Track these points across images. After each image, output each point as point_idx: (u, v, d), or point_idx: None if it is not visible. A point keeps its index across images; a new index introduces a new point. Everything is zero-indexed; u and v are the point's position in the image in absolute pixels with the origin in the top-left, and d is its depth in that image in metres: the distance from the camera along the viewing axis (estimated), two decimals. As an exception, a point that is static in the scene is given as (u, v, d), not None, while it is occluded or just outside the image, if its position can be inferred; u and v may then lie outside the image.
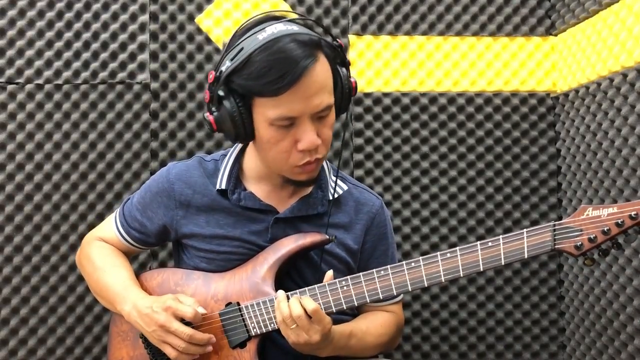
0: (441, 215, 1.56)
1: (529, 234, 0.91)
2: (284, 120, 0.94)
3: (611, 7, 1.34)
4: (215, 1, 1.52)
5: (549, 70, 1.58)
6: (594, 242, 0.86)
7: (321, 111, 0.96)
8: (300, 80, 0.91)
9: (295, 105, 0.93)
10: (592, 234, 0.86)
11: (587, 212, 0.87)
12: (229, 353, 1.03)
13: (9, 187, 1.46)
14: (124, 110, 1.50)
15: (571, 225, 0.88)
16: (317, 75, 0.93)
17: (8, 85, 1.47)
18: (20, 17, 1.48)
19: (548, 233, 0.90)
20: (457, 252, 0.94)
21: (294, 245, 1.05)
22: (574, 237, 0.88)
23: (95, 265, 1.13)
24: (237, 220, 1.09)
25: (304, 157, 0.98)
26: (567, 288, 1.52)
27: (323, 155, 1.01)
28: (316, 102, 0.94)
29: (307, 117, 0.95)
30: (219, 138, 1.51)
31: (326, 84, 0.96)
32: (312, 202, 1.09)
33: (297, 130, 0.95)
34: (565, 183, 1.54)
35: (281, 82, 0.90)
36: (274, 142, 0.97)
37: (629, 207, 0.84)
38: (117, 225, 1.17)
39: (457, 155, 1.57)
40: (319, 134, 0.97)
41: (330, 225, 1.09)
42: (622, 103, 1.30)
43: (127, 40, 1.50)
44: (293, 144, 0.97)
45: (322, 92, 0.95)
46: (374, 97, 1.55)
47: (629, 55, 1.27)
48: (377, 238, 1.16)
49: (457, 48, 1.58)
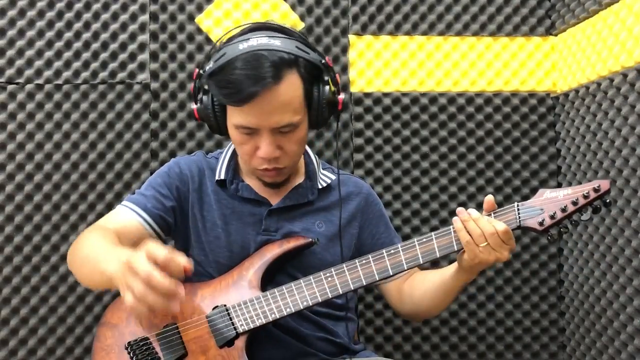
0: (441, 216, 1.56)
1: (496, 214, 0.99)
2: (244, 129, 1.02)
3: (611, 7, 1.34)
4: (215, 1, 1.52)
5: (549, 70, 1.58)
6: (555, 219, 0.96)
7: (281, 127, 1.01)
8: (258, 98, 0.96)
9: (253, 119, 1.00)
10: (552, 211, 0.96)
11: (545, 195, 0.98)
12: (217, 353, 1.04)
13: (9, 187, 1.46)
14: (124, 110, 1.50)
15: (533, 205, 0.98)
16: (278, 95, 0.98)
17: (8, 85, 1.47)
18: (20, 17, 1.48)
19: (512, 213, 0.98)
20: (433, 237, 1.02)
21: (278, 250, 1.10)
22: (536, 215, 0.97)
23: (83, 246, 1.04)
24: (234, 211, 1.14)
25: (262, 164, 1.05)
26: (567, 288, 1.52)
27: (285, 165, 1.07)
28: (275, 119, 1.00)
29: (267, 130, 1.01)
30: (219, 138, 1.51)
31: (290, 103, 1.00)
32: (302, 192, 1.15)
33: (259, 139, 1.02)
34: (565, 183, 1.54)
35: (239, 97, 0.97)
36: (238, 143, 1.06)
37: (581, 188, 0.96)
38: (131, 207, 1.11)
39: (457, 155, 1.57)
40: (282, 146, 1.03)
41: (322, 208, 1.16)
42: (622, 103, 1.30)
43: (127, 40, 1.50)
44: (254, 149, 1.04)
45: (284, 111, 1.00)
46: (374, 97, 1.55)
47: (629, 55, 1.27)
48: (377, 217, 1.21)
49: (457, 48, 1.57)
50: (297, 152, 1.08)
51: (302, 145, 1.09)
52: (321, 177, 1.19)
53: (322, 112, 1.06)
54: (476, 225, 0.97)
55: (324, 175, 1.20)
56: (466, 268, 1.01)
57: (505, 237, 0.96)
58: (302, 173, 1.19)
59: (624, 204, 1.29)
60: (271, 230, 1.13)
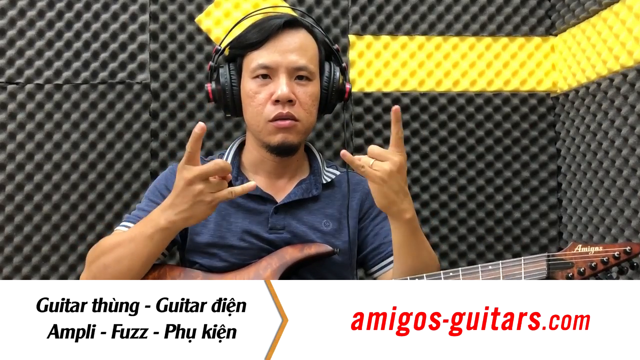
0: (441, 215, 1.56)
1: (526, 262, 1.00)
2: (262, 69, 1.07)
3: (611, 7, 1.34)
4: (215, 1, 1.52)
5: (549, 70, 1.58)
6: (583, 275, 0.98)
7: (297, 69, 1.07)
8: (278, 35, 1.07)
9: (273, 56, 1.07)
10: (582, 267, 0.98)
11: (577, 248, 1.00)
12: None
13: (9, 187, 1.47)
14: (124, 110, 1.50)
15: (563, 258, 1.00)
16: (297, 37, 1.08)
17: (8, 85, 1.47)
18: (20, 17, 1.48)
19: (543, 263, 1.00)
20: (460, 273, 1.00)
21: (299, 255, 1.08)
22: (566, 269, 0.99)
23: (106, 252, 1.02)
24: (238, 210, 1.13)
25: (276, 109, 1.06)
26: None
27: (299, 118, 1.08)
28: (292, 58, 1.07)
29: (284, 71, 1.07)
30: (218, 138, 1.51)
31: (307, 49, 1.09)
32: (307, 187, 1.16)
33: (274, 84, 1.07)
34: (565, 183, 1.54)
35: (263, 30, 1.07)
36: (252, 94, 1.08)
37: (613, 247, 0.98)
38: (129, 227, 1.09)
39: (457, 155, 1.57)
40: (295, 94, 1.07)
41: (327, 205, 1.16)
42: (622, 103, 1.30)
43: (127, 40, 1.50)
44: (269, 97, 1.07)
45: (301, 53, 1.08)
46: (374, 97, 1.55)
47: (629, 55, 1.27)
48: (376, 211, 1.19)
49: (457, 48, 1.58)
50: (309, 107, 1.10)
51: (314, 104, 1.11)
52: (325, 173, 1.20)
53: (335, 91, 1.13)
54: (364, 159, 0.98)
55: (327, 171, 1.20)
56: (388, 213, 1.02)
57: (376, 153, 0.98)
58: (306, 168, 1.20)
59: (624, 204, 1.29)
60: (278, 227, 1.12)
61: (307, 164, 1.21)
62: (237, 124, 1.53)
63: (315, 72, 1.11)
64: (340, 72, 1.15)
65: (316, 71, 1.11)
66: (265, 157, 1.14)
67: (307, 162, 1.22)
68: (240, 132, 1.51)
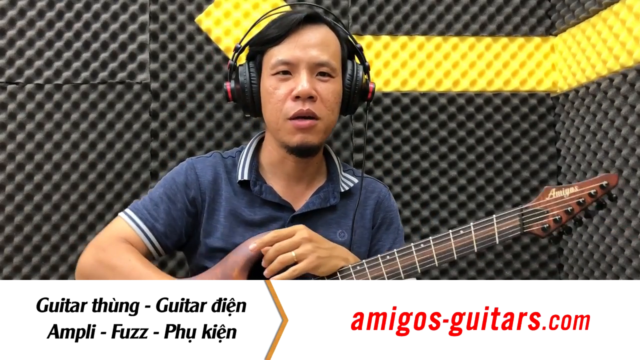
0: (441, 215, 1.56)
1: (498, 220, 0.95)
2: (282, 65, 1.03)
3: (611, 7, 1.34)
4: (215, 1, 1.52)
5: (549, 70, 1.58)
6: (559, 223, 0.93)
7: (319, 65, 1.03)
8: (299, 30, 1.04)
9: (292, 52, 1.03)
10: (557, 214, 0.93)
11: (550, 194, 0.94)
12: None
13: (9, 187, 1.47)
14: (124, 110, 1.50)
15: (538, 208, 0.93)
16: (318, 32, 1.05)
17: (8, 85, 1.47)
18: (20, 17, 1.48)
19: (516, 218, 0.95)
20: (431, 242, 0.98)
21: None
22: (540, 220, 0.93)
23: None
24: (256, 211, 1.10)
25: (297, 106, 1.02)
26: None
27: (319, 113, 1.04)
28: (313, 53, 1.03)
29: (304, 67, 1.03)
30: (218, 138, 1.51)
31: (329, 45, 1.05)
32: (325, 195, 1.12)
33: (294, 80, 1.03)
34: (565, 183, 1.54)
35: (284, 25, 1.04)
36: (271, 90, 1.04)
37: (588, 185, 0.91)
38: (135, 222, 1.07)
39: (457, 155, 1.57)
40: (317, 90, 1.03)
41: (343, 215, 1.13)
42: (622, 103, 1.30)
43: (127, 40, 1.50)
44: (289, 93, 1.03)
45: (323, 49, 1.04)
46: (374, 97, 1.55)
47: (629, 55, 1.27)
48: (386, 223, 1.17)
49: (457, 48, 1.58)
50: (331, 105, 1.05)
51: (336, 102, 1.07)
52: (343, 179, 1.16)
53: (358, 88, 1.09)
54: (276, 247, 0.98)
55: (345, 178, 1.17)
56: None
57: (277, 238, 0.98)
58: (323, 173, 1.16)
59: (624, 204, 1.29)
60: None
61: (325, 169, 1.17)
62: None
63: (338, 69, 1.06)
64: (364, 71, 1.11)
65: (338, 68, 1.07)
66: (284, 157, 1.10)
67: (324, 167, 1.17)
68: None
